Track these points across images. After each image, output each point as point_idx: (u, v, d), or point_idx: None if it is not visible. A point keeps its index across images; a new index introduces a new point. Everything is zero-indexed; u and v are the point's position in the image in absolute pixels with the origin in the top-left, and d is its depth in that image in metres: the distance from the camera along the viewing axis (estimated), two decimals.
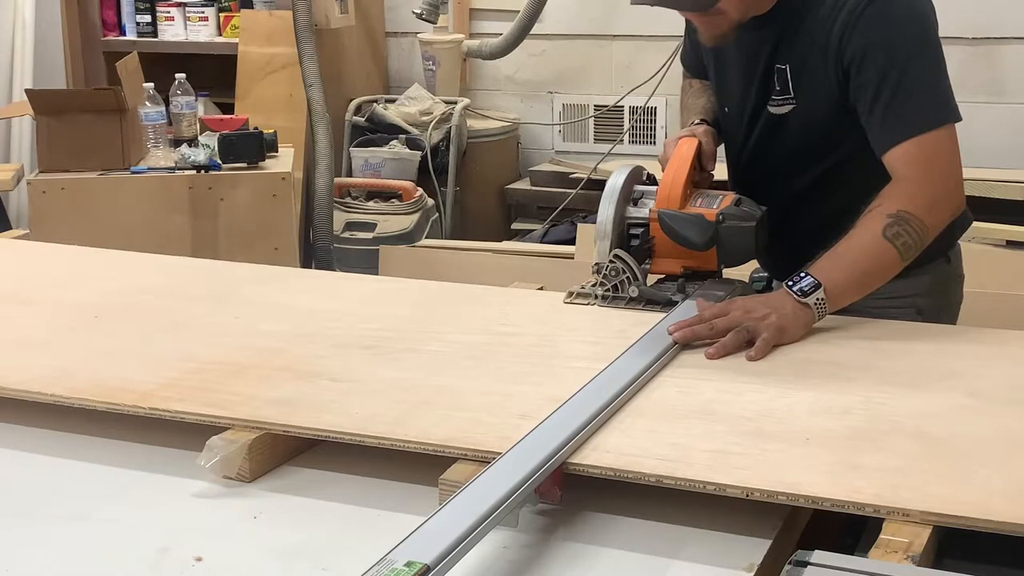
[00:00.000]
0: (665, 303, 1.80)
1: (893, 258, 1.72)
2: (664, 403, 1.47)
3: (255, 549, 1.23)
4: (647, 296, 1.81)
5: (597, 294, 1.84)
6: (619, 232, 1.85)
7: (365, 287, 2.12)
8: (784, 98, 1.85)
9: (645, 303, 1.82)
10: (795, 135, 1.87)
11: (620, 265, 1.83)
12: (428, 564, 1.04)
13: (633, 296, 1.82)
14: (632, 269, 1.83)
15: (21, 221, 4.87)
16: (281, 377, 1.56)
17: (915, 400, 1.46)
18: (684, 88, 2.18)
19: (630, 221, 1.88)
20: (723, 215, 1.80)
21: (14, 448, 1.48)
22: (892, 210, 1.72)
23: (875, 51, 1.75)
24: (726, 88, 1.98)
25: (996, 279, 1.96)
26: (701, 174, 1.92)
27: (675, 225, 1.79)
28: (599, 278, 1.84)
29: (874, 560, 1.11)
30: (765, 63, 1.86)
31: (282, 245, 3.73)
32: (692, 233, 1.79)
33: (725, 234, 1.80)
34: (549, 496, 1.27)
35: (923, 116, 1.75)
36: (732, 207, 1.82)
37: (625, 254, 1.82)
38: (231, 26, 5.25)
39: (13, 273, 2.17)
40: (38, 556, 1.22)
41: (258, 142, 3.71)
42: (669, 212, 1.81)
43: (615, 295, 1.83)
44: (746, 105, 1.92)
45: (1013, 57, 4.30)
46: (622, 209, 1.86)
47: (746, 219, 1.81)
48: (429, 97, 4.99)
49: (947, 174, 1.77)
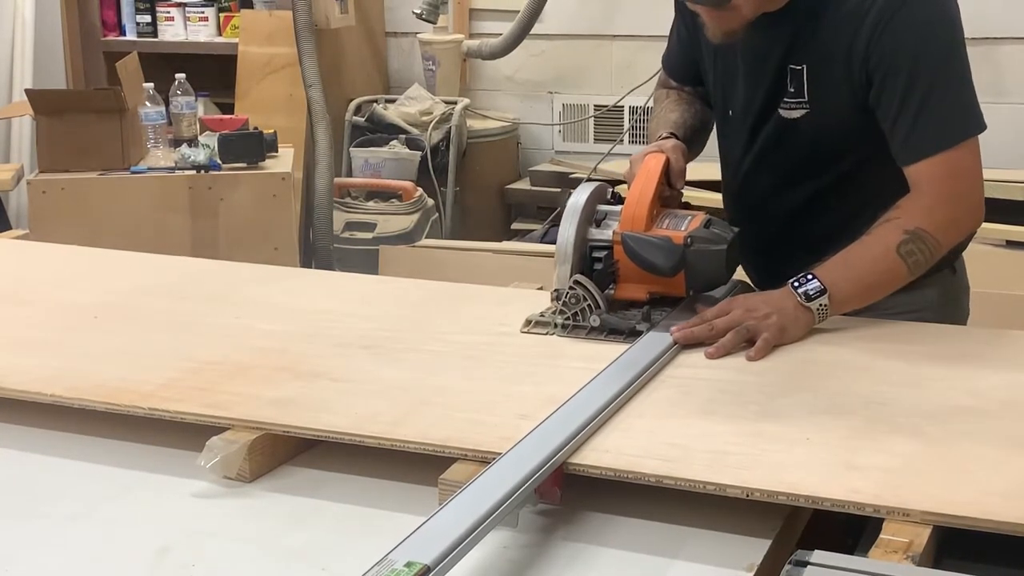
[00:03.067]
0: (629, 333, 1.67)
1: (902, 274, 1.70)
2: (664, 403, 1.47)
3: (255, 549, 1.23)
4: (610, 325, 1.68)
5: (556, 323, 1.70)
6: (580, 255, 1.72)
7: (365, 287, 2.12)
8: (798, 101, 1.77)
9: (608, 333, 1.68)
10: (806, 141, 1.80)
11: (581, 292, 1.69)
12: (428, 564, 1.04)
13: (594, 325, 1.68)
14: (594, 296, 1.69)
15: (21, 221, 4.87)
16: (281, 377, 1.56)
17: (915, 400, 1.46)
18: (658, 99, 2.07)
19: (592, 243, 1.74)
20: (691, 238, 1.67)
21: (14, 448, 1.48)
22: (910, 226, 1.69)
23: (904, 59, 1.68)
24: (731, 89, 1.89)
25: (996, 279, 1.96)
26: (670, 192, 1.79)
27: (639, 249, 1.67)
28: (558, 305, 1.70)
29: (874, 560, 1.11)
30: (777, 64, 1.78)
31: (282, 245, 3.73)
32: (658, 258, 1.67)
33: (693, 258, 1.67)
34: (549, 496, 1.27)
35: (949, 130, 1.70)
36: (701, 229, 1.70)
37: (586, 280, 1.69)
38: (231, 26, 5.25)
39: (13, 273, 2.17)
40: (38, 556, 1.22)
41: (258, 142, 3.71)
42: (633, 235, 1.68)
43: (575, 324, 1.70)
44: (752, 107, 1.84)
45: (1013, 57, 4.30)
46: (584, 230, 1.72)
47: (716, 242, 1.69)
48: (429, 97, 4.99)
49: (970, 193, 1.74)
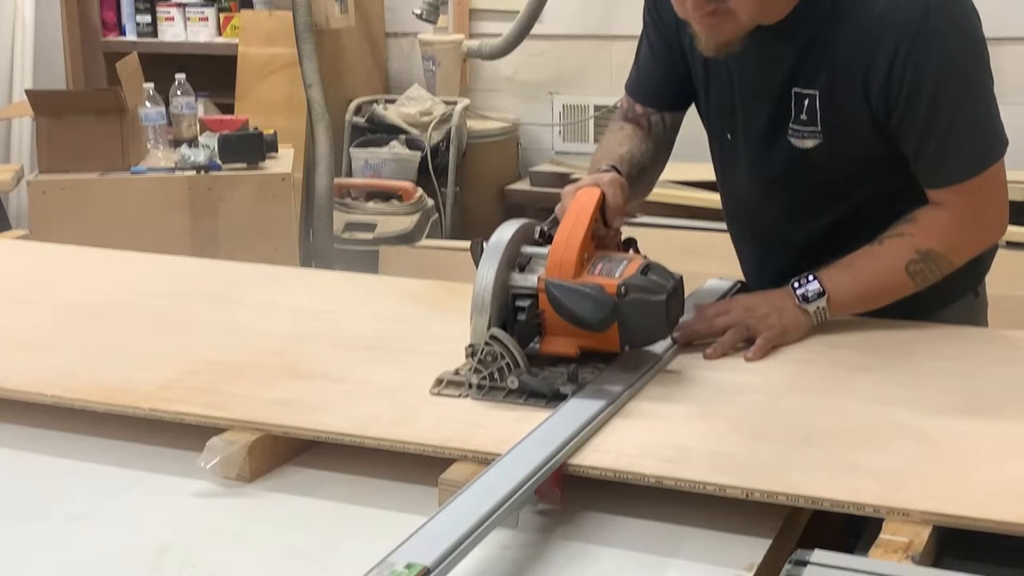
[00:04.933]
0: (552, 396, 1.44)
1: (907, 289, 1.67)
2: (664, 403, 1.46)
3: (255, 550, 1.23)
4: (529, 388, 1.45)
5: (471, 383, 1.48)
6: (501, 304, 1.51)
7: (365, 287, 2.12)
8: (810, 130, 1.65)
9: (527, 396, 1.46)
10: (821, 171, 1.69)
11: (498, 348, 1.47)
12: (428, 566, 1.03)
13: (512, 388, 1.46)
14: (512, 354, 1.47)
15: (21, 221, 4.87)
16: (281, 377, 1.56)
17: (915, 400, 1.46)
18: (611, 130, 1.90)
19: (515, 291, 1.52)
20: (626, 286, 1.47)
21: (14, 448, 1.48)
22: (923, 246, 1.64)
23: (928, 83, 1.58)
24: (727, 113, 1.76)
25: (996, 279, 1.95)
26: (605, 231, 1.60)
27: (566, 299, 1.46)
28: (473, 362, 1.49)
29: (874, 560, 1.11)
30: (781, 86, 1.66)
31: (282, 245, 3.73)
32: (586, 309, 1.45)
33: (628, 310, 1.47)
34: (549, 497, 1.27)
35: (977, 156, 1.63)
36: (638, 276, 1.49)
37: (504, 335, 1.47)
38: (231, 26, 5.25)
39: (13, 273, 2.17)
40: (38, 556, 1.22)
41: (258, 142, 3.71)
42: (559, 283, 1.47)
43: (492, 385, 1.47)
44: (754, 132, 1.72)
45: (1013, 57, 4.30)
46: (505, 275, 1.51)
47: (653, 291, 1.48)
48: (429, 97, 4.99)
49: (992, 214, 1.69)
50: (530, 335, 1.51)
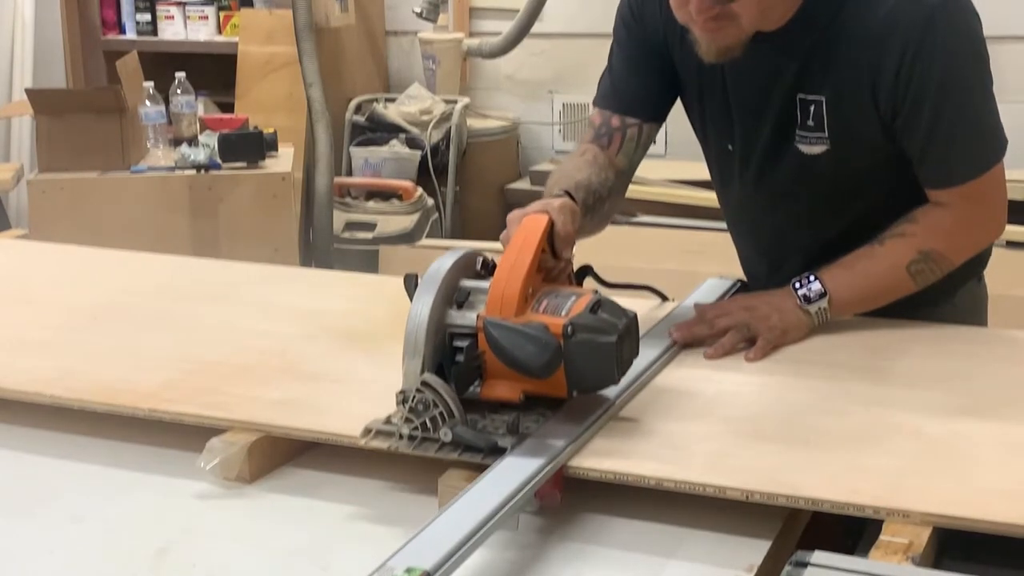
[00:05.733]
0: (489, 451, 1.28)
1: (908, 288, 1.68)
2: (664, 404, 1.46)
3: (255, 551, 1.23)
4: (464, 441, 1.29)
5: (401, 434, 1.31)
6: (437, 345, 1.34)
7: (365, 287, 2.12)
8: (817, 136, 1.64)
9: (462, 450, 1.29)
10: (829, 177, 1.68)
11: (431, 396, 1.30)
12: (428, 570, 1.03)
13: (445, 440, 1.29)
14: (447, 402, 1.31)
15: (21, 221, 4.87)
16: (281, 378, 1.56)
17: (915, 400, 1.46)
18: (572, 155, 1.79)
19: (452, 330, 1.36)
20: (573, 326, 1.31)
21: (14, 448, 1.48)
22: (925, 246, 1.65)
23: (933, 85, 1.58)
24: (726, 124, 1.73)
25: (996, 279, 1.96)
26: (554, 264, 1.46)
27: (506, 342, 1.30)
28: (404, 411, 1.32)
29: (874, 560, 1.11)
30: (785, 94, 1.64)
31: (282, 245, 3.73)
32: (528, 353, 1.29)
33: (575, 352, 1.31)
34: (549, 500, 1.27)
35: (979, 158, 1.64)
36: (586, 315, 1.33)
37: (437, 381, 1.31)
38: (231, 25, 5.25)
39: (13, 273, 2.17)
40: (38, 556, 1.22)
41: (258, 142, 3.72)
42: (499, 323, 1.31)
43: (425, 436, 1.31)
44: (758, 142, 1.70)
45: (1013, 57, 4.30)
46: (441, 313, 1.35)
47: (603, 331, 1.33)
48: (429, 96, 4.99)
49: (993, 214, 1.70)
50: (469, 379, 1.35)
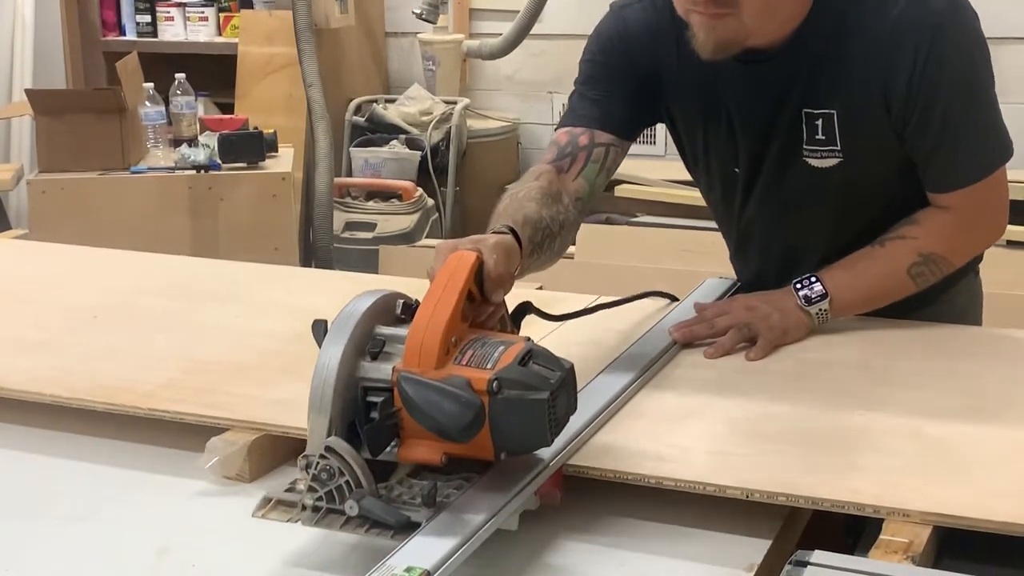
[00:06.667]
0: (399, 528, 1.12)
1: (908, 290, 1.68)
2: (664, 403, 1.46)
3: (255, 549, 1.23)
4: (373, 515, 1.12)
5: (305, 504, 1.15)
6: (348, 401, 1.17)
7: (365, 287, 2.10)
8: (829, 150, 1.63)
9: (370, 526, 1.13)
10: (841, 190, 1.67)
11: (335, 463, 1.14)
12: (428, 569, 1.03)
13: (351, 515, 1.13)
14: (352, 470, 1.14)
15: (21, 221, 4.87)
16: (281, 378, 1.56)
17: (915, 400, 1.46)
18: (524, 180, 1.72)
19: (366, 384, 1.19)
20: (499, 381, 1.14)
21: (14, 448, 1.48)
22: (926, 249, 1.65)
23: (944, 92, 1.58)
24: (730, 148, 1.71)
25: (996, 279, 1.96)
26: (482, 309, 1.30)
27: (421, 401, 1.13)
28: (307, 479, 1.16)
29: (874, 560, 1.11)
30: (792, 110, 1.63)
31: (282, 245, 3.73)
32: (447, 414, 1.12)
33: (501, 410, 1.14)
34: (549, 498, 1.27)
35: (982, 161, 1.64)
36: (514, 367, 1.16)
37: (343, 446, 1.14)
38: (231, 26, 5.25)
39: (13, 273, 2.17)
40: (38, 556, 1.22)
41: (258, 142, 3.72)
42: (414, 378, 1.15)
43: (330, 508, 1.14)
44: (765, 162, 1.69)
45: (1013, 57, 4.30)
46: (353, 364, 1.19)
47: (533, 387, 1.15)
48: (429, 97, 4.99)
49: (994, 217, 1.71)
50: (384, 440, 1.17)
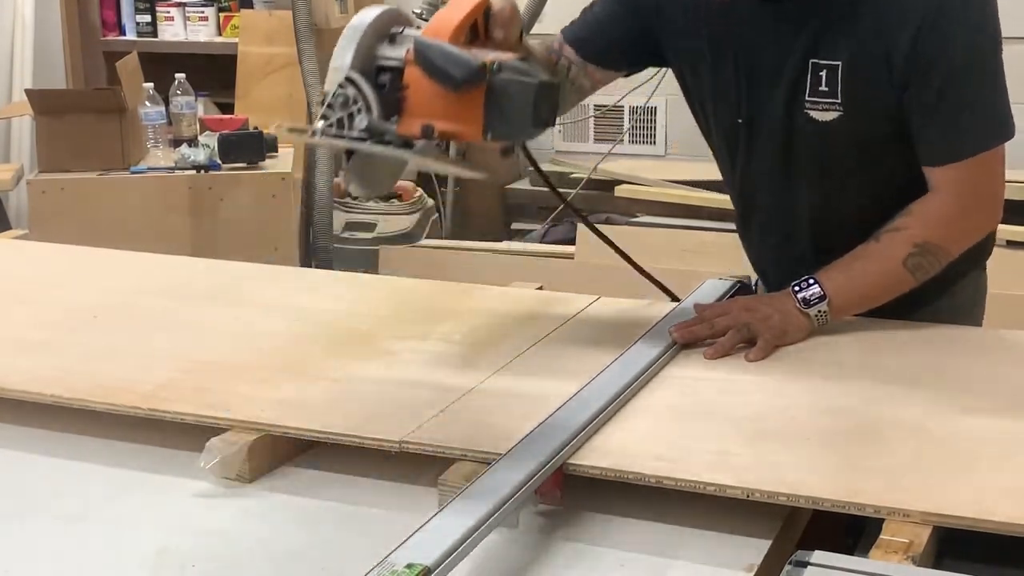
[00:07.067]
0: (401, 144, 1.38)
1: (907, 284, 1.67)
2: (664, 403, 1.46)
3: (255, 549, 1.23)
4: (380, 129, 1.37)
5: (316, 130, 1.41)
6: (365, 70, 1.40)
7: (365, 287, 2.12)
8: (829, 102, 1.64)
9: (375, 140, 1.38)
10: (841, 146, 1.68)
11: (353, 92, 1.38)
12: (429, 566, 1.03)
13: (360, 127, 1.37)
14: (366, 98, 1.38)
15: (21, 221, 4.87)
16: (281, 378, 1.56)
17: (915, 400, 1.46)
18: None
19: (380, 63, 1.40)
20: (500, 65, 1.36)
21: (14, 448, 1.48)
22: (920, 239, 1.64)
23: (945, 60, 1.59)
24: (733, 98, 1.73)
25: (996, 279, 1.95)
26: (488, 42, 1.46)
27: (433, 56, 1.36)
28: (323, 108, 1.41)
29: (874, 560, 1.11)
30: (799, 60, 1.65)
31: (282, 245, 3.73)
32: (452, 67, 1.35)
33: (498, 87, 1.35)
34: (549, 497, 1.27)
35: (981, 134, 1.64)
36: (515, 61, 1.39)
37: (362, 79, 1.38)
38: (231, 26, 5.26)
39: (13, 273, 2.17)
40: (38, 556, 1.22)
41: (258, 142, 3.72)
42: (429, 42, 1.37)
43: (339, 132, 1.39)
44: (771, 112, 1.70)
45: (1013, 57, 4.29)
46: (371, 44, 1.40)
47: (527, 75, 1.38)
48: None
49: (989, 202, 1.70)
50: (389, 110, 1.38)
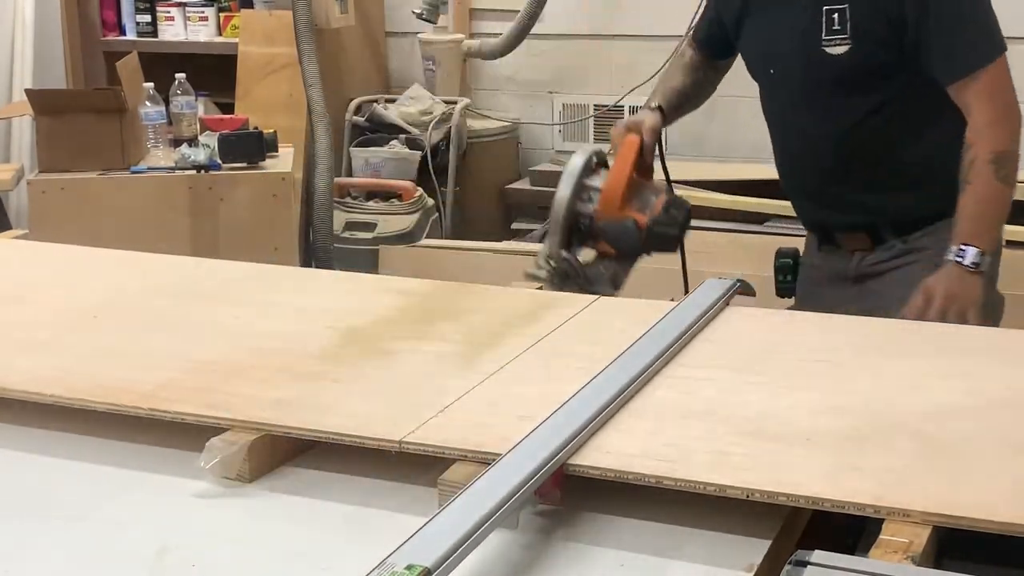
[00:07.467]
0: None
1: (1008, 194, 1.94)
2: (664, 403, 1.47)
3: (255, 549, 1.23)
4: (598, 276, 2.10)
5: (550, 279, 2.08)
6: (569, 227, 2.06)
7: (365, 287, 2.12)
8: (841, 38, 2.00)
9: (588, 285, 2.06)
10: (849, 73, 2.02)
11: (575, 263, 2.08)
12: (428, 567, 1.03)
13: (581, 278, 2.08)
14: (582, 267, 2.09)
15: (21, 221, 4.87)
16: (281, 377, 1.56)
17: (915, 400, 1.46)
18: (680, 55, 2.36)
19: (579, 218, 2.08)
20: (654, 222, 2.06)
21: (14, 448, 1.48)
22: (989, 155, 1.91)
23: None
24: (763, 46, 2.14)
25: None
26: (644, 167, 2.12)
27: (611, 232, 2.08)
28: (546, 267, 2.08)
29: (874, 560, 1.11)
30: (813, 6, 2.01)
31: (282, 245, 3.73)
32: (625, 244, 2.09)
33: (654, 240, 2.07)
34: (549, 497, 1.27)
35: (987, 47, 1.99)
36: (662, 215, 2.06)
37: (573, 259, 2.08)
38: (231, 26, 5.25)
39: (13, 273, 2.17)
40: (38, 556, 1.22)
41: (258, 142, 3.71)
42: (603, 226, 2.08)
43: (561, 285, 2.06)
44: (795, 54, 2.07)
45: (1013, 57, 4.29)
46: (574, 204, 2.07)
47: (672, 225, 2.08)
48: (429, 97, 4.99)
49: (1013, 102, 2.00)
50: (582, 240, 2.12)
